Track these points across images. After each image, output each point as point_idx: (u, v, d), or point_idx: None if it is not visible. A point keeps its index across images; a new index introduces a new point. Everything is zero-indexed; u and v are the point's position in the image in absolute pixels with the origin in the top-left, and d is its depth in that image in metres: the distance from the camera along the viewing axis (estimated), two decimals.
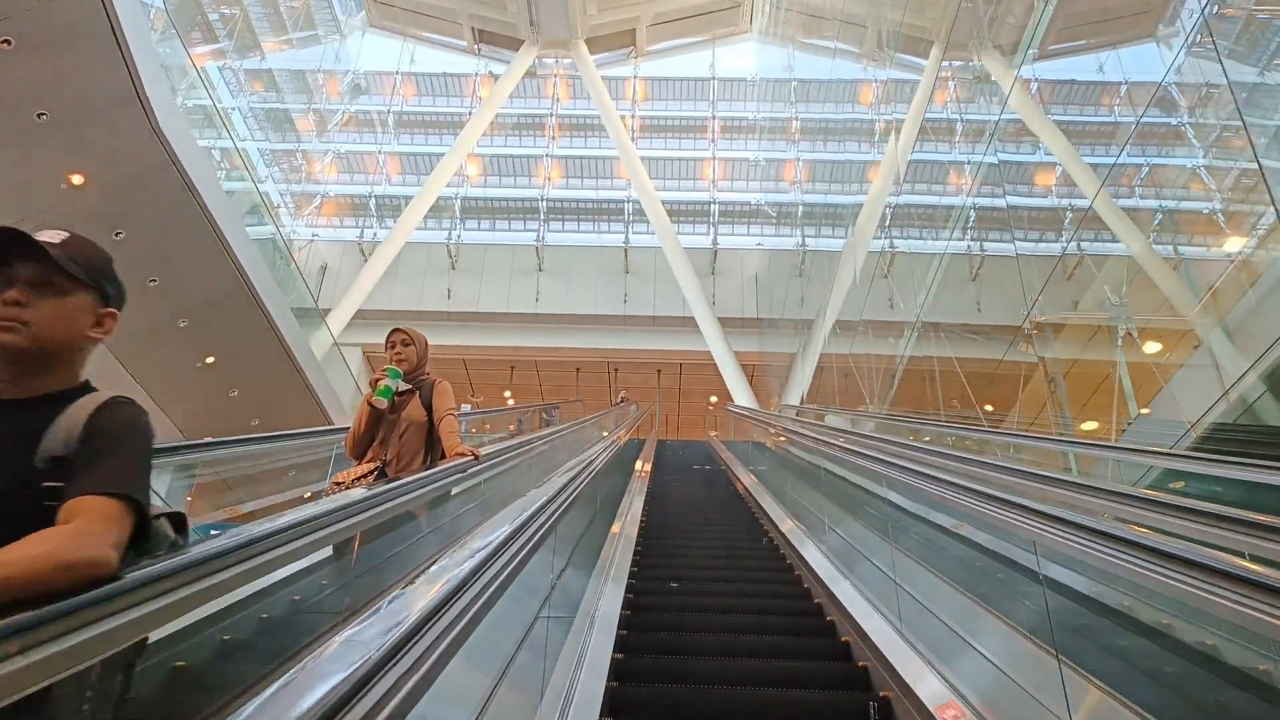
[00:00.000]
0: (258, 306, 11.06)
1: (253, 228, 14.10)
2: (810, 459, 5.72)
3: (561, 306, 21.62)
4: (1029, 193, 8.12)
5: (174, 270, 9.71)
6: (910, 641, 2.97)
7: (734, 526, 6.84)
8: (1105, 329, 6.42)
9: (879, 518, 3.96)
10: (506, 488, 3.92)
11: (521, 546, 1.94)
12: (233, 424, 12.35)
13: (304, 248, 21.86)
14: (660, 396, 23.02)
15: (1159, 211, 6.28)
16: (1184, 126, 5.92)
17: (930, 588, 3.10)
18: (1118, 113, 7.11)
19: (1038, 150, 7.86)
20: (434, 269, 22.03)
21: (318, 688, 0.86)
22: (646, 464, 9.29)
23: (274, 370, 12.03)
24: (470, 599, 1.37)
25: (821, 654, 3.45)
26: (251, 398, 12.23)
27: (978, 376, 7.31)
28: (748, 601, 4.29)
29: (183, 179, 8.79)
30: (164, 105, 8.09)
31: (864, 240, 17.18)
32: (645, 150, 24.32)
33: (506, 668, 2.12)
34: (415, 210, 20.60)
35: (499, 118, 23.97)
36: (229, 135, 13.72)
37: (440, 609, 1.22)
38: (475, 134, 22.21)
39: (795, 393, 17.54)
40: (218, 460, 4.98)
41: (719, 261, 22.40)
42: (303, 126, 23.65)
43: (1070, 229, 6.92)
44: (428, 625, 1.15)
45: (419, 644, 1.08)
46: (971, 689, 2.43)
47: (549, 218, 23.76)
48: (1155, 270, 5.99)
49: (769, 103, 24.58)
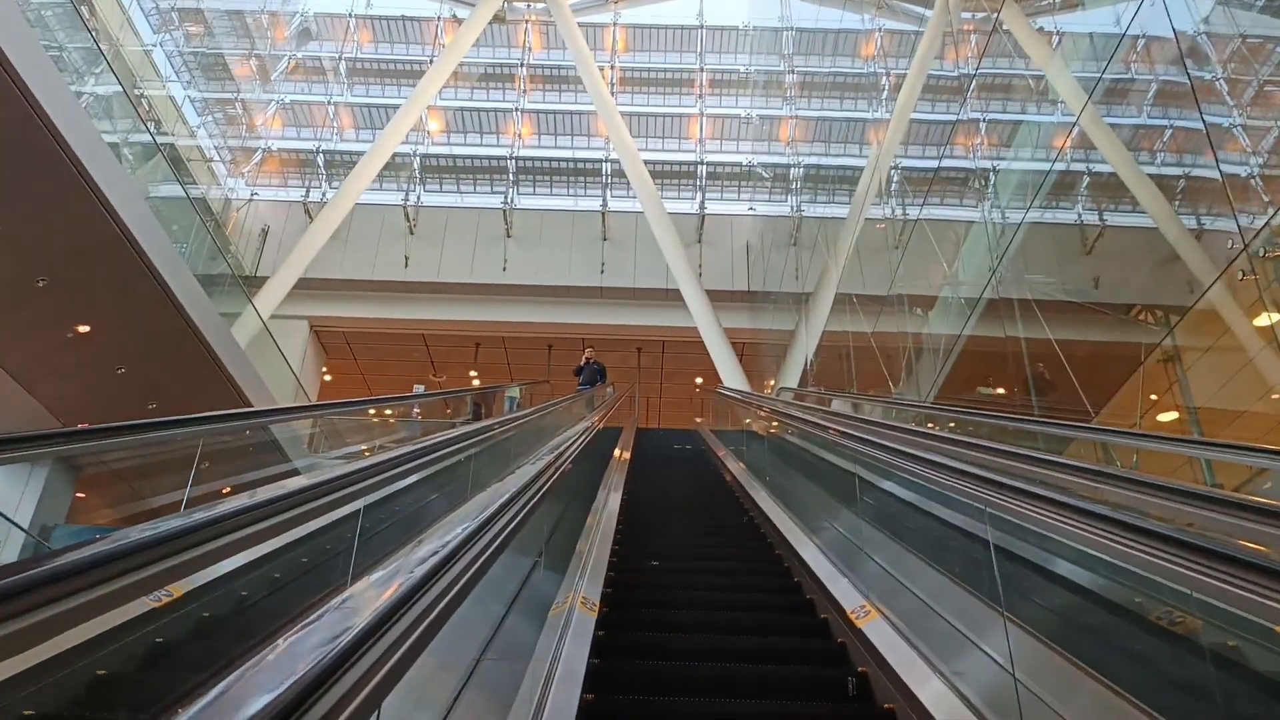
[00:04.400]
0: (146, 269, 8.87)
1: (158, 185, 11.93)
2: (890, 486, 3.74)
3: (532, 277, 19.58)
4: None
5: (17, 212, 7.53)
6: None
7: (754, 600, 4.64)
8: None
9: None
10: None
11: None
12: (122, 407, 10.25)
13: (241, 208, 19.51)
14: (640, 377, 21.05)
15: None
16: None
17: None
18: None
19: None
20: (389, 234, 19.82)
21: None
22: (621, 477, 7.17)
23: (172, 345, 9.88)
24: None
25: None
26: (144, 377, 10.08)
27: (1079, 361, 5.46)
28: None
29: (26, 100, 6.63)
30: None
31: (859, 207, 15.24)
32: (626, 106, 22.11)
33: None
34: (367, 167, 18.34)
35: (463, 67, 21.64)
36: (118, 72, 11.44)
37: None
38: (436, 84, 19.90)
39: (794, 374, 15.67)
40: (103, 451, 3.78)
41: (706, 228, 20.40)
42: (242, 73, 21.15)
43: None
44: None
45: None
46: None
47: (518, 179, 21.56)
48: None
49: (763, 55, 22.44)
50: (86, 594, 1.19)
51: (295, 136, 21.81)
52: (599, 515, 5.64)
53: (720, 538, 5.88)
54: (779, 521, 5.13)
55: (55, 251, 8.14)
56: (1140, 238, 6.11)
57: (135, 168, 11.00)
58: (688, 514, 6.76)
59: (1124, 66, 6.42)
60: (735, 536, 5.84)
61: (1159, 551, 1.55)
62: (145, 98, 17.74)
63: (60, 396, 9.62)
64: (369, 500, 2.71)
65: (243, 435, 5.21)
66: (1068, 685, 2.03)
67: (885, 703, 2.72)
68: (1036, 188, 6.77)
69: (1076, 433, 3.78)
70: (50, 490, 10.05)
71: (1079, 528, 1.86)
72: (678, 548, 5.44)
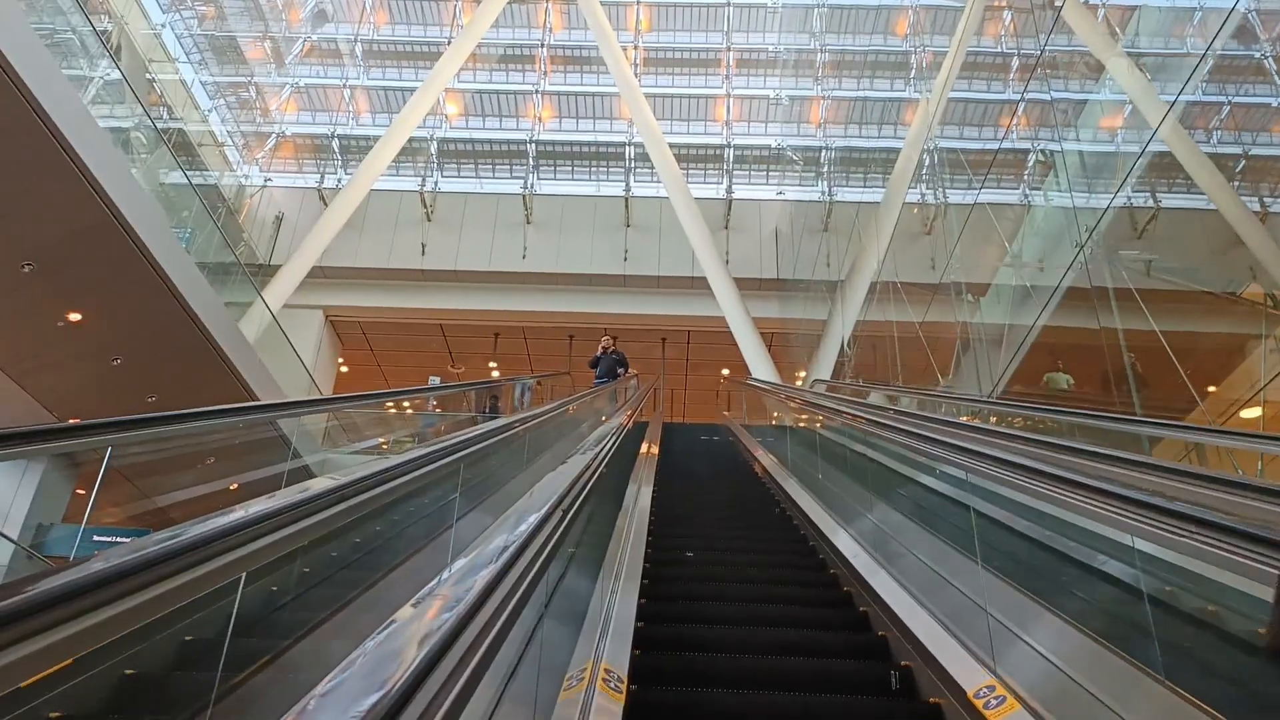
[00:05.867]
0: (141, 255, 8.28)
1: (156, 169, 11.39)
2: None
3: (553, 265, 18.90)
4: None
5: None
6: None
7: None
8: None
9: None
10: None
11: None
12: (121, 400, 9.74)
13: (255, 194, 18.99)
14: (664, 369, 20.32)
15: None
16: None
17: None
18: None
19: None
20: (406, 221, 19.22)
21: None
22: (647, 488, 6.35)
23: (172, 336, 9.32)
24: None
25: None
26: (142, 369, 9.54)
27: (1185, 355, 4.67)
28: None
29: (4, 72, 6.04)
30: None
31: (900, 190, 14.35)
32: (650, 87, 21.27)
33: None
34: (383, 152, 17.71)
35: (482, 48, 20.91)
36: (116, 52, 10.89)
37: None
38: (454, 65, 19.21)
39: (826, 365, 14.88)
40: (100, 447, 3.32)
41: (734, 214, 19.56)
42: (255, 56, 20.59)
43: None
44: None
45: None
46: None
47: (539, 163, 20.84)
48: None
49: (793, 32, 21.50)
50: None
51: (310, 121, 21.24)
52: (629, 515, 4.95)
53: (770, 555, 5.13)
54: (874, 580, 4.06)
55: (42, 235, 7.58)
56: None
57: (132, 150, 10.44)
58: (727, 523, 5.99)
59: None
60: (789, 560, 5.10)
61: None
62: (154, 80, 17.25)
63: (52, 389, 9.10)
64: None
65: (248, 431, 5.04)
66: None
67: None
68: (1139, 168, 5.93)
69: (1233, 440, 2.99)
70: (47, 489, 9.55)
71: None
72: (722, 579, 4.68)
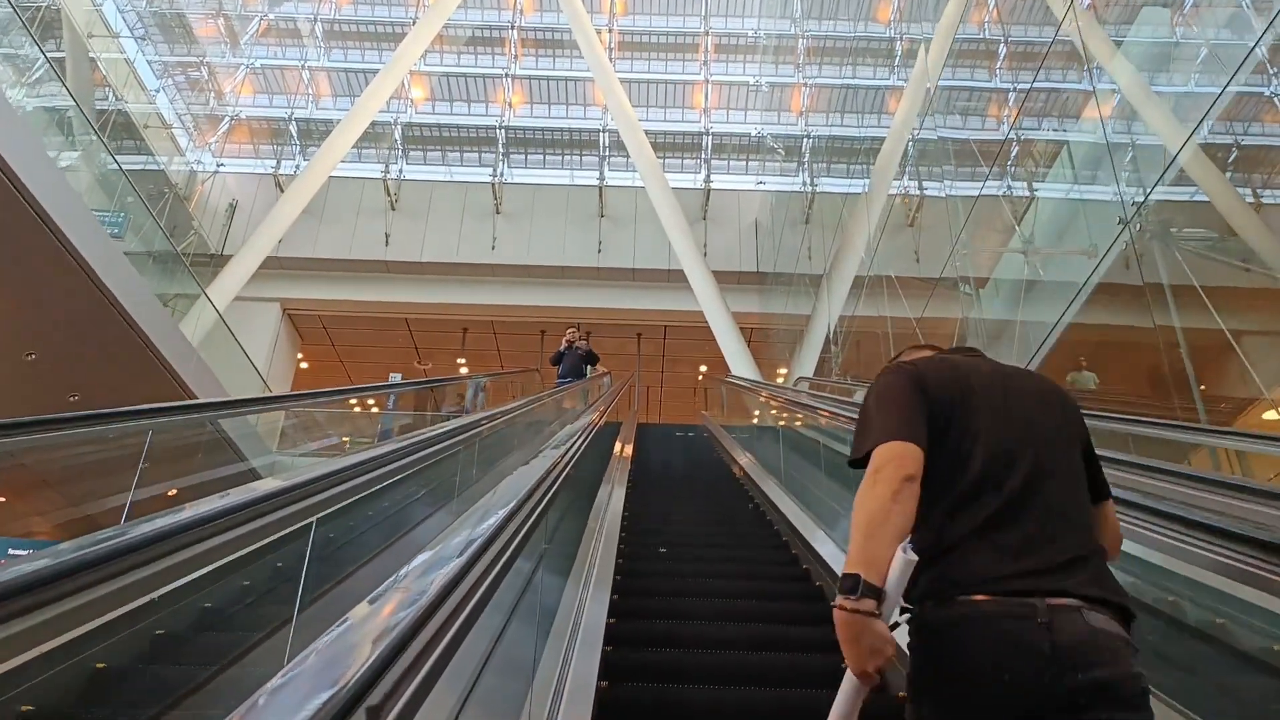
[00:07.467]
0: (55, 239, 7.38)
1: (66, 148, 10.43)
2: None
3: (523, 257, 18.11)
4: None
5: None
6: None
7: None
8: None
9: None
10: None
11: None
12: (36, 399, 8.85)
13: (207, 180, 17.92)
14: (640, 365, 19.59)
15: None
16: None
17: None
18: None
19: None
20: (369, 209, 18.30)
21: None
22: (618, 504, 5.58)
23: (92, 330, 8.41)
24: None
25: None
26: (61, 366, 8.64)
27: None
28: None
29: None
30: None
31: (885, 180, 13.69)
32: (625, 72, 20.51)
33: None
34: (343, 136, 16.75)
35: (449, 29, 20.00)
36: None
37: None
38: (419, 47, 18.29)
39: (809, 362, 14.25)
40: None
41: (712, 204, 18.89)
42: (207, 34, 19.48)
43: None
44: None
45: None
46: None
47: (509, 150, 19.99)
48: None
49: (773, 17, 20.81)
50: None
51: (267, 105, 20.17)
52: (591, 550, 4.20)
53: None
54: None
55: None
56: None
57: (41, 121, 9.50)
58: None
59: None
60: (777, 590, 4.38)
61: None
62: (96, 59, 16.14)
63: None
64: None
65: (196, 432, 4.75)
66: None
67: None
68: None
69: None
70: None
71: None
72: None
